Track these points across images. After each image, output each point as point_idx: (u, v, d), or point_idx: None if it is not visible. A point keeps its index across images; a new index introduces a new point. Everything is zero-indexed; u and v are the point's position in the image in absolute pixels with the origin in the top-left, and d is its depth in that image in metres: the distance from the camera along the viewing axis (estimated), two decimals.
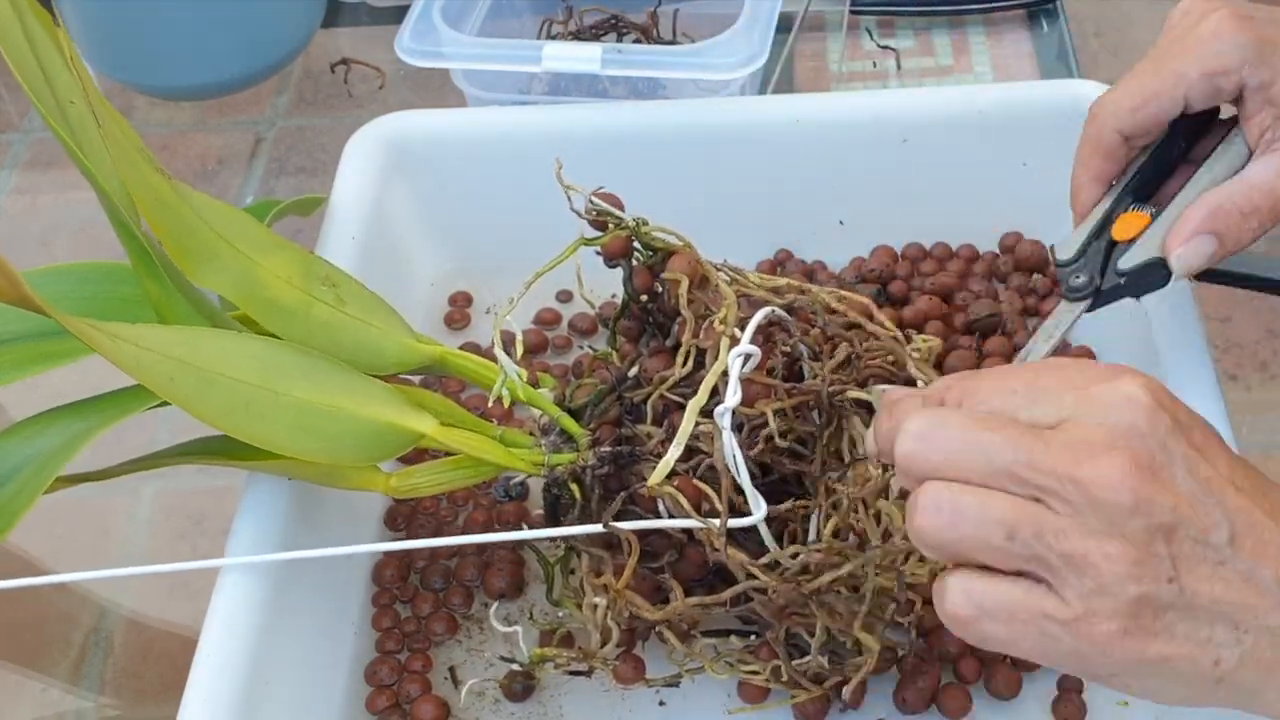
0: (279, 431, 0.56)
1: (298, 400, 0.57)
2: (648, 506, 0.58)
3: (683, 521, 0.55)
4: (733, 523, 0.55)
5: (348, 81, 1.07)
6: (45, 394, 0.62)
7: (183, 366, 0.54)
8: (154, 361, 0.53)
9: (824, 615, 0.56)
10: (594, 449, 0.59)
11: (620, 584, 0.56)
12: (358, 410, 0.58)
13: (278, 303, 0.60)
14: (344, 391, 0.58)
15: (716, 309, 0.59)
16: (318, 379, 0.58)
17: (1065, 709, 0.61)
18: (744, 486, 0.55)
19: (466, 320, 0.81)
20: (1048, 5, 1.02)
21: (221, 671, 0.56)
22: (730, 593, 0.56)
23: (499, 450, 0.60)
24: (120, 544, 0.80)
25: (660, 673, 0.60)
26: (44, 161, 1.07)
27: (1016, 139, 0.78)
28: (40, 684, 0.75)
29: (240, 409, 0.55)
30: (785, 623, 0.57)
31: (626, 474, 0.59)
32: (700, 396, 0.55)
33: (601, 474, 0.58)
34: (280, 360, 0.57)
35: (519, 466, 0.60)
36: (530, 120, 0.80)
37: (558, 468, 0.59)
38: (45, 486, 0.54)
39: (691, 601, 0.57)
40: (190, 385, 0.54)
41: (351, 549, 0.60)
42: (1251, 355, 0.86)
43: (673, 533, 0.58)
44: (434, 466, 0.61)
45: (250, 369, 0.56)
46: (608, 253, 0.62)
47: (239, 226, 0.60)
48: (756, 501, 0.55)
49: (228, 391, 0.55)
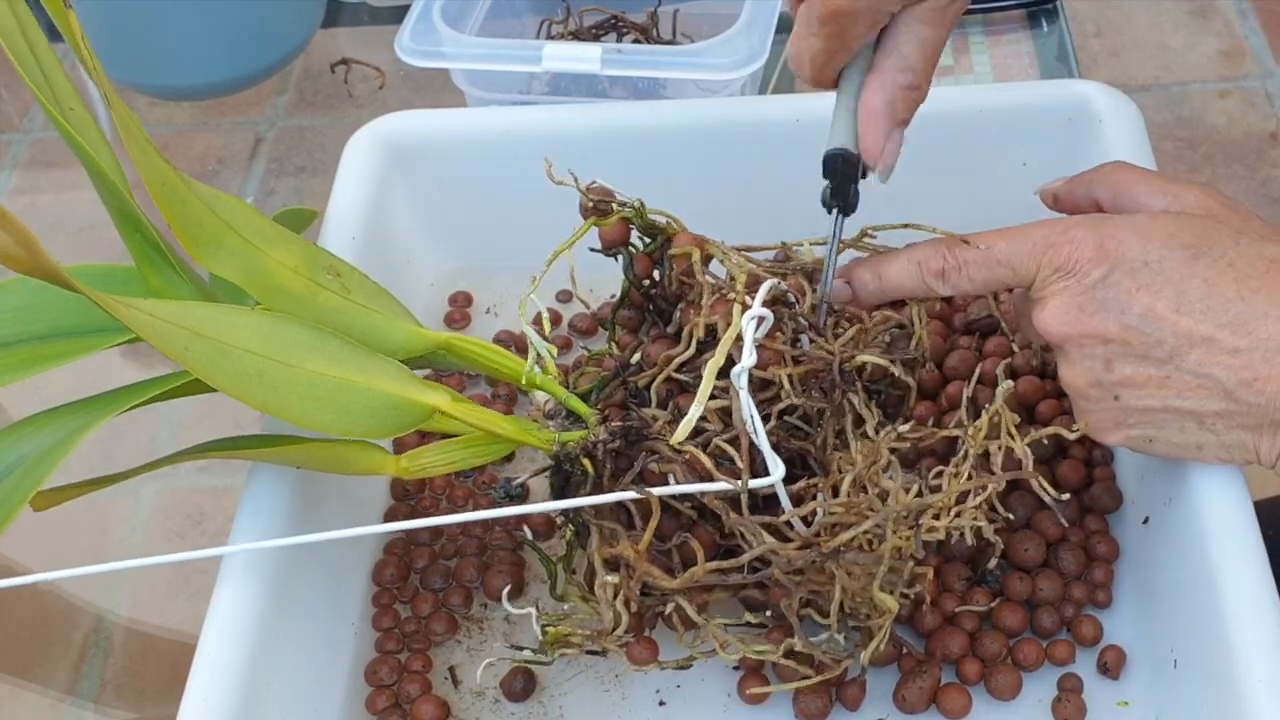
0: (292, 401, 0.56)
1: (310, 373, 0.57)
2: (657, 482, 0.58)
3: (707, 485, 0.55)
4: (754, 483, 0.55)
5: (348, 81, 1.07)
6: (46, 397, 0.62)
7: (196, 337, 0.54)
8: (169, 331, 0.53)
9: (842, 575, 0.56)
10: (604, 425, 0.59)
11: (641, 546, 0.56)
12: (371, 384, 0.58)
13: (285, 289, 0.60)
14: (356, 366, 0.58)
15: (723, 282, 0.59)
16: (330, 354, 0.57)
17: (1065, 709, 0.61)
18: (761, 447, 0.55)
19: (466, 320, 0.81)
20: (1048, 5, 1.02)
21: (221, 672, 0.56)
22: (749, 555, 0.56)
23: (512, 425, 0.60)
24: (120, 544, 0.81)
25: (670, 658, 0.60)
26: (44, 161, 1.07)
27: (1016, 139, 0.78)
28: (40, 684, 0.75)
29: (253, 378, 0.55)
30: (800, 591, 0.57)
31: (636, 450, 0.59)
32: (718, 358, 0.55)
33: (613, 449, 0.58)
34: (292, 336, 0.57)
35: (531, 441, 0.60)
36: (530, 120, 0.80)
37: (570, 443, 0.59)
38: (38, 486, 0.54)
39: (710, 566, 0.57)
40: (205, 354, 0.54)
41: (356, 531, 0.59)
42: None
43: (682, 511, 0.58)
44: (444, 445, 0.61)
45: (262, 343, 0.56)
46: (608, 240, 0.62)
47: (244, 217, 0.60)
48: (775, 462, 0.55)
49: (240, 362, 0.55)
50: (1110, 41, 1.08)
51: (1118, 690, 0.62)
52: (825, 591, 0.57)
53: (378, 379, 0.58)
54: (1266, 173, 0.97)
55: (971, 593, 0.64)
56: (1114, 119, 0.74)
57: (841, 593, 0.56)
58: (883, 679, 0.62)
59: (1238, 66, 1.05)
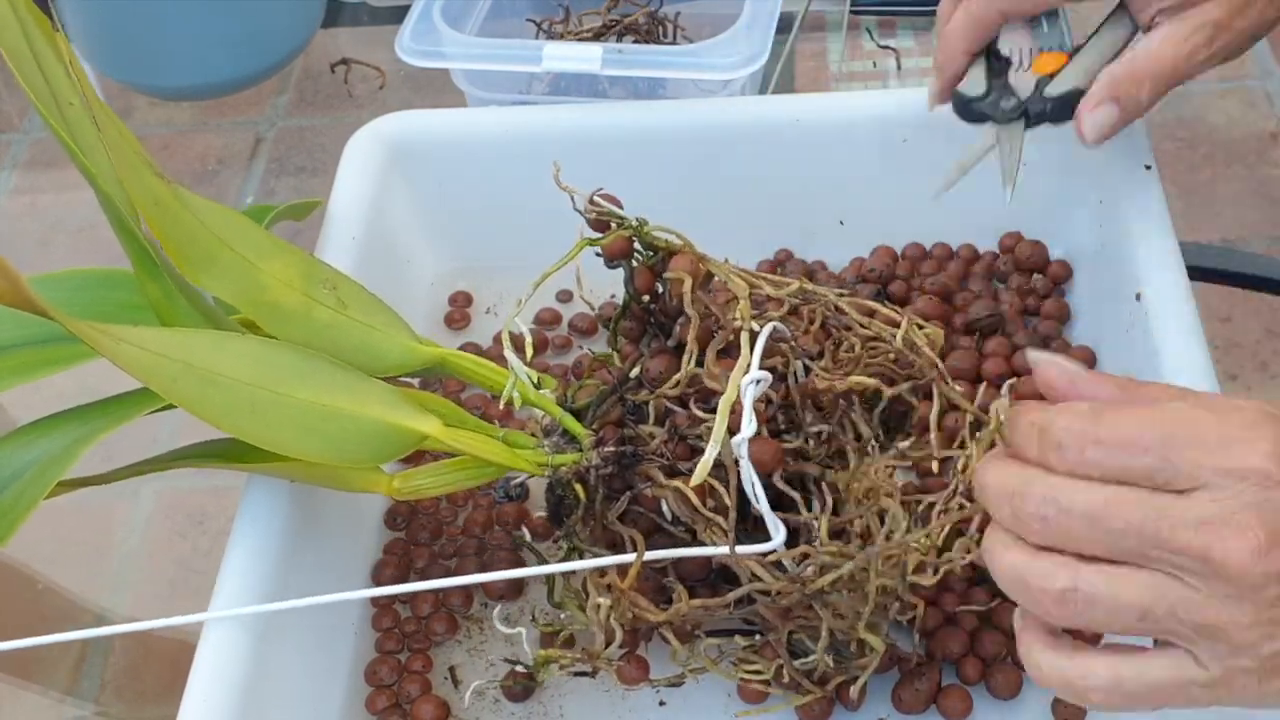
0: (282, 432, 0.56)
1: (301, 401, 0.57)
2: (651, 506, 0.58)
3: (705, 550, 0.55)
4: (753, 548, 0.55)
5: (348, 81, 1.07)
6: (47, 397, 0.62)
7: (186, 369, 0.54)
8: (157, 364, 0.53)
9: (828, 616, 0.56)
10: (598, 449, 0.59)
11: (625, 584, 0.56)
12: (361, 411, 0.58)
13: (279, 306, 0.60)
14: (347, 392, 0.58)
15: (720, 308, 0.59)
16: (320, 380, 0.57)
17: (1065, 709, 0.61)
18: (764, 515, 0.55)
19: (466, 320, 0.81)
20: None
21: (221, 672, 0.56)
22: (734, 595, 0.56)
23: (502, 451, 0.60)
24: (120, 544, 0.81)
25: (663, 673, 0.60)
26: (44, 161, 1.07)
27: None
28: (40, 684, 0.75)
29: (244, 410, 0.55)
30: (788, 625, 0.57)
31: (630, 474, 0.59)
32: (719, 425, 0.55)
33: (605, 474, 0.58)
34: (283, 362, 0.57)
35: (523, 467, 0.60)
36: (530, 120, 0.80)
37: (561, 468, 0.59)
38: (45, 493, 0.54)
39: (695, 603, 0.57)
40: (193, 387, 0.54)
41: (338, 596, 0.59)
42: (1251, 355, 0.86)
43: (676, 533, 0.58)
44: (437, 468, 0.61)
45: (253, 370, 0.56)
46: (609, 253, 0.62)
47: (239, 230, 0.60)
48: (775, 527, 0.55)
49: (230, 392, 0.55)
50: None
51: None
52: (814, 627, 0.57)
53: (369, 404, 0.58)
54: (1266, 173, 0.97)
55: (971, 593, 0.64)
56: None
57: (827, 632, 0.56)
58: (883, 679, 0.61)
59: (1238, 66, 1.05)
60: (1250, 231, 0.94)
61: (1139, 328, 0.67)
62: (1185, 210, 0.95)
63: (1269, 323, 0.87)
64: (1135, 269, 0.68)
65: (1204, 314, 0.66)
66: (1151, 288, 0.66)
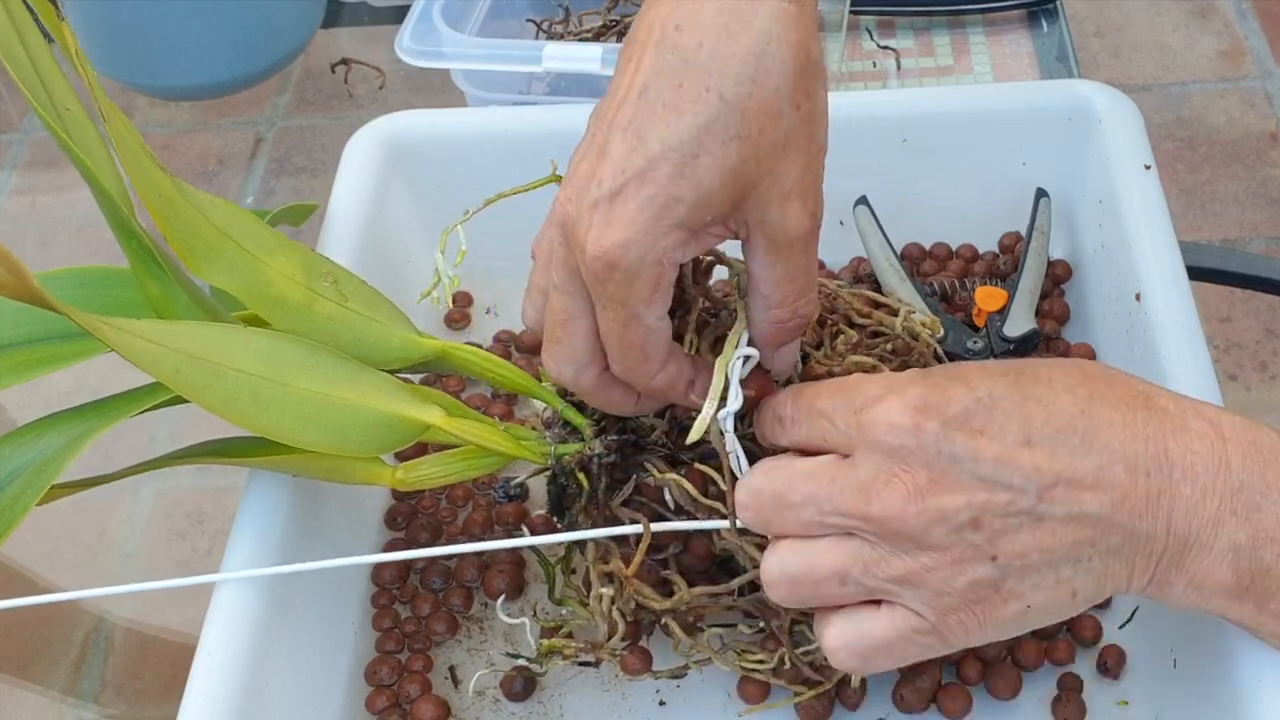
0: (285, 422, 0.56)
1: (304, 391, 0.57)
2: (652, 495, 0.58)
3: (701, 524, 0.55)
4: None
5: (348, 81, 1.07)
6: (46, 395, 0.62)
7: (189, 359, 0.54)
8: (160, 354, 0.53)
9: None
10: (600, 438, 0.59)
11: (630, 570, 0.56)
12: (364, 401, 0.58)
13: (282, 299, 0.60)
14: (349, 383, 0.58)
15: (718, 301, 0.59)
16: (323, 370, 0.58)
17: (1065, 709, 0.61)
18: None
19: (467, 320, 0.81)
20: (1048, 5, 1.02)
21: (222, 672, 0.56)
22: (737, 582, 0.56)
23: (506, 439, 0.60)
24: (120, 544, 0.81)
25: (666, 665, 0.60)
26: (44, 161, 1.07)
27: (1016, 139, 0.78)
28: (40, 684, 0.75)
29: (247, 399, 0.55)
30: (791, 612, 0.57)
31: (632, 463, 0.59)
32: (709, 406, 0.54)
33: (608, 462, 0.58)
34: (285, 353, 0.57)
35: (526, 456, 0.60)
36: (530, 120, 0.80)
37: (565, 457, 0.59)
38: (42, 493, 0.54)
39: (698, 591, 0.57)
40: (197, 376, 0.54)
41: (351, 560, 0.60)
42: (1251, 355, 0.86)
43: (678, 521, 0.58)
44: (440, 458, 0.61)
45: (256, 361, 0.56)
46: None
47: (242, 224, 0.60)
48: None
49: (234, 382, 0.55)
50: (1110, 41, 1.08)
51: (1118, 690, 0.62)
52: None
53: (371, 395, 0.58)
54: (1266, 173, 0.97)
55: None
56: (1114, 119, 0.74)
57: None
58: (883, 679, 0.62)
59: (1238, 66, 1.05)
60: (1250, 231, 0.94)
61: (1139, 328, 0.67)
62: (1185, 210, 0.95)
63: (1269, 323, 0.87)
64: (1135, 269, 0.68)
65: (1204, 314, 0.67)
66: (1151, 288, 0.66)
